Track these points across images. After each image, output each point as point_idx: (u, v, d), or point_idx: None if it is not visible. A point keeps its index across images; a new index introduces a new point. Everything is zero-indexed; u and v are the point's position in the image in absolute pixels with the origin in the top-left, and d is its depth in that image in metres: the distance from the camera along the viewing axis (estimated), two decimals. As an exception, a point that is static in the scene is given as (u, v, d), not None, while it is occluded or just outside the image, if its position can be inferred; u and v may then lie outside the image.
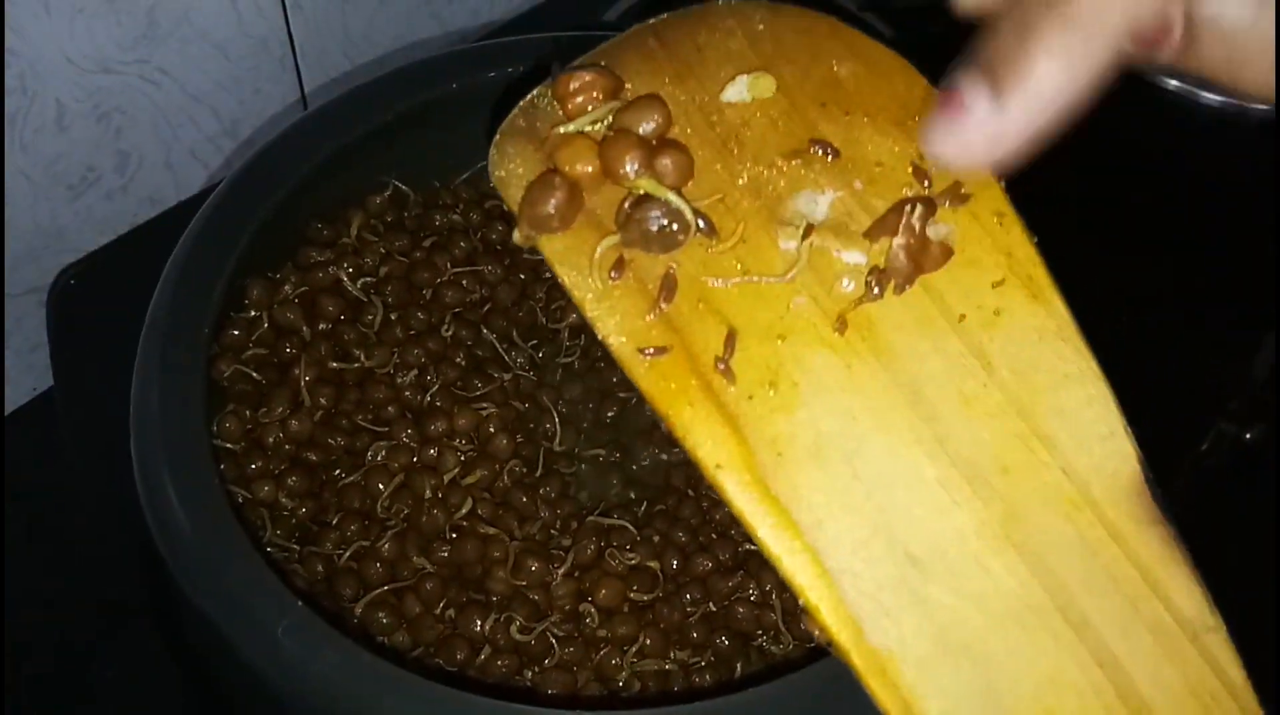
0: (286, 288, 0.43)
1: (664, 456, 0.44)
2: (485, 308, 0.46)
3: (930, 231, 0.28)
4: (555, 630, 0.38)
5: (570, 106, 0.29)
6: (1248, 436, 0.55)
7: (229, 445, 0.40)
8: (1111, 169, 0.66)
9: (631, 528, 0.41)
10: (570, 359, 0.46)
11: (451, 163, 0.48)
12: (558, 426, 0.44)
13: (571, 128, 0.29)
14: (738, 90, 0.30)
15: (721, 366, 0.28)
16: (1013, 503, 0.27)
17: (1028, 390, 0.28)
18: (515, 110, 0.30)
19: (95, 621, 0.46)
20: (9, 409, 0.55)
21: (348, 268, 0.44)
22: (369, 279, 0.44)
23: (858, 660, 0.26)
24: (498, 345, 0.45)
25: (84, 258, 0.52)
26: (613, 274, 0.28)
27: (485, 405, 0.43)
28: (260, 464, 0.40)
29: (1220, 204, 0.64)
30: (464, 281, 0.46)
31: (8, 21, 0.46)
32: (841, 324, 0.28)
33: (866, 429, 0.27)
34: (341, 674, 0.31)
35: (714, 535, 0.42)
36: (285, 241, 0.44)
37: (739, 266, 0.28)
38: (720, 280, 0.28)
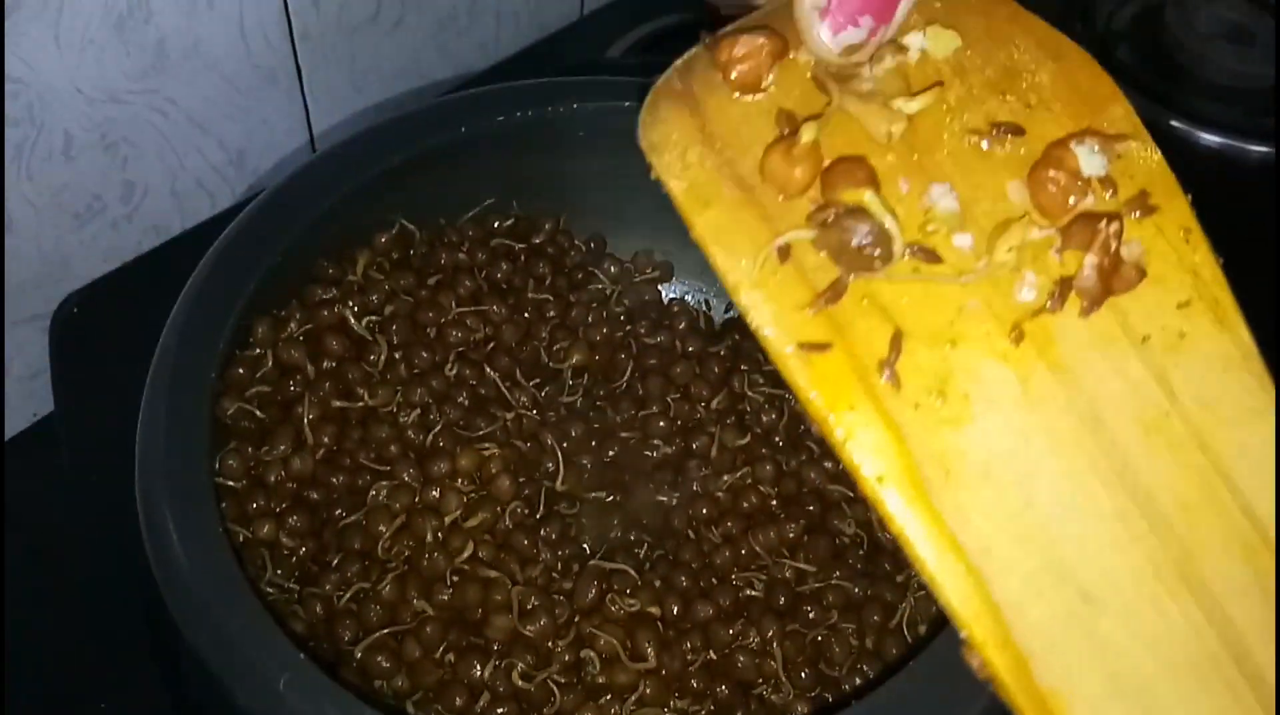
0: (292, 325, 0.43)
1: (664, 499, 0.45)
2: (489, 347, 0.46)
3: (1124, 250, 0.26)
4: (556, 678, 0.38)
5: (732, 74, 0.27)
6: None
7: (231, 483, 0.40)
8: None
9: (633, 572, 0.41)
10: (573, 398, 0.46)
11: (458, 201, 0.48)
12: (561, 466, 0.44)
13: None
14: (917, 40, 0.27)
15: (886, 370, 0.25)
16: (1190, 542, 0.25)
17: (1210, 422, 0.25)
18: (671, 71, 0.28)
19: (91, 656, 0.46)
20: (8, 434, 0.55)
21: (353, 306, 0.44)
22: (374, 317, 0.44)
23: (1023, 700, 0.24)
24: (501, 384, 0.45)
25: (87, 286, 0.53)
26: (776, 257, 0.26)
27: (488, 445, 0.43)
28: (261, 502, 0.40)
29: (1219, 243, 0.64)
30: (468, 321, 0.46)
31: (18, 52, 0.46)
32: (1018, 334, 0.25)
33: (1041, 452, 0.25)
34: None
35: (714, 580, 0.42)
36: (292, 279, 0.44)
37: (910, 263, 0.26)
38: (891, 277, 0.26)
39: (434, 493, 0.41)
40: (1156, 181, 0.27)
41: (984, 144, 0.27)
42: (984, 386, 0.25)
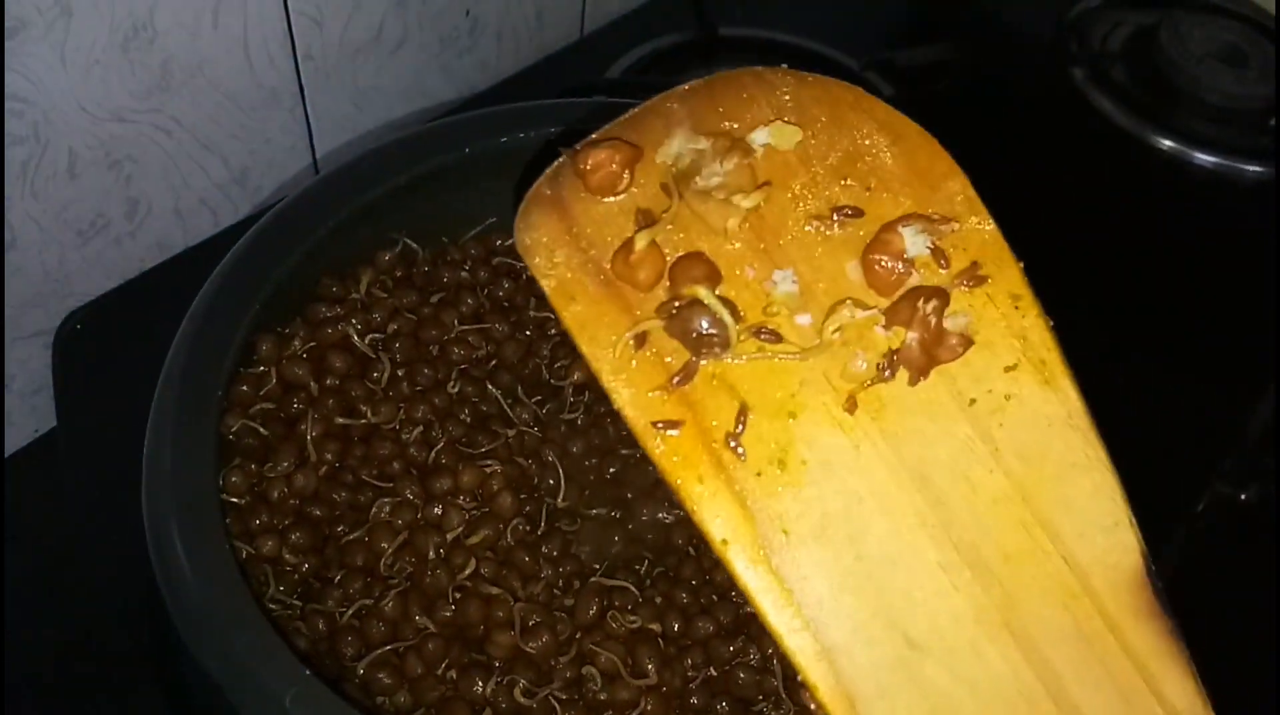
0: (296, 343, 0.44)
1: (665, 516, 0.45)
2: (491, 364, 0.47)
3: (948, 322, 0.29)
4: (557, 694, 0.38)
5: (590, 181, 0.30)
6: (1243, 497, 0.55)
7: (234, 499, 0.40)
8: (1105, 228, 0.67)
9: (634, 589, 0.41)
10: (574, 415, 0.47)
11: (460, 220, 0.48)
12: (562, 483, 0.44)
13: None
14: (761, 136, 0.31)
15: (733, 442, 0.28)
16: (1012, 589, 0.27)
17: (1033, 478, 0.28)
18: (540, 179, 0.31)
19: (93, 672, 0.46)
20: (10, 450, 0.56)
21: (357, 324, 0.44)
22: (377, 335, 0.45)
23: None
24: (503, 401, 0.45)
25: (91, 302, 0.53)
26: (633, 344, 0.29)
27: (490, 462, 0.43)
28: (265, 519, 0.41)
29: (1214, 263, 0.65)
30: (471, 338, 0.46)
31: (24, 71, 0.47)
32: (851, 404, 0.28)
33: (871, 511, 0.28)
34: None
35: (714, 597, 0.42)
36: (295, 297, 0.44)
37: (755, 343, 0.29)
38: (736, 357, 0.29)
39: (436, 509, 0.42)
40: (988, 252, 0.29)
41: (824, 229, 0.30)
42: (820, 453, 0.28)
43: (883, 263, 0.29)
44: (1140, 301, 0.64)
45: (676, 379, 0.29)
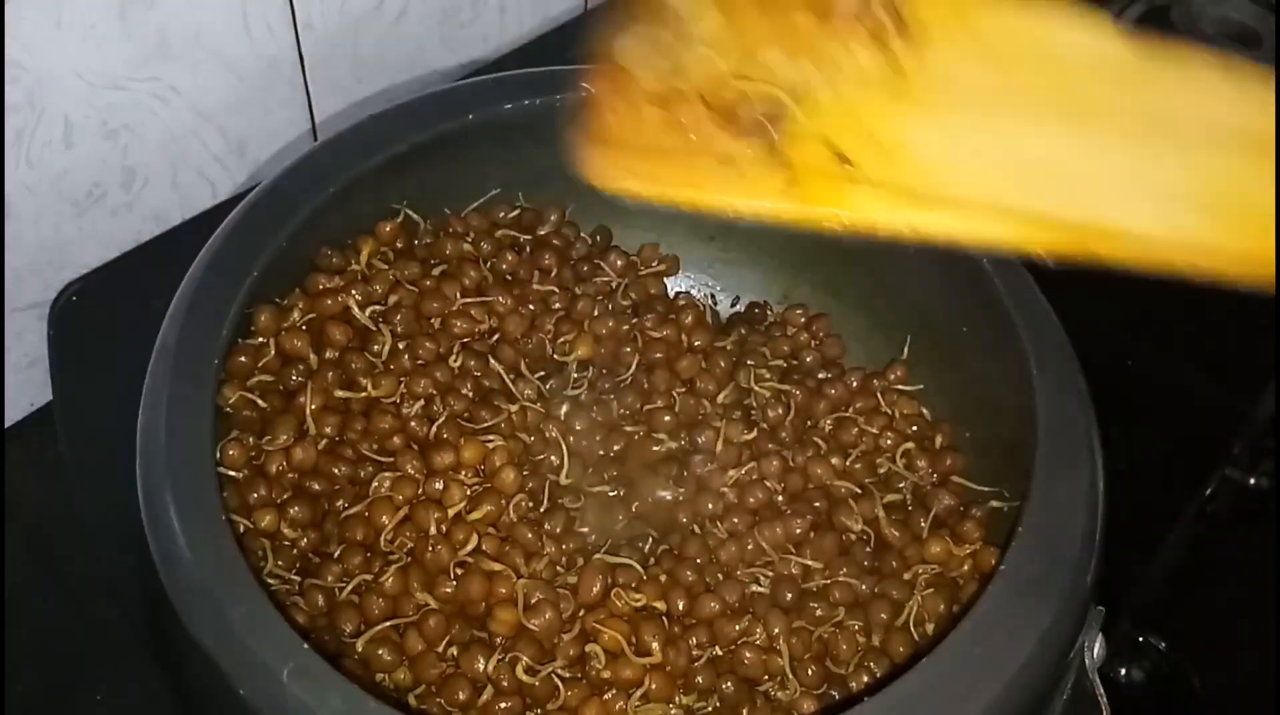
0: (294, 315, 0.43)
1: (668, 494, 0.44)
2: (494, 338, 0.46)
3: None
4: (560, 672, 0.37)
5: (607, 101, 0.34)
6: (1253, 482, 0.55)
7: (232, 472, 0.40)
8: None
9: (638, 567, 0.41)
10: (577, 391, 0.46)
11: (463, 191, 0.47)
12: (565, 459, 0.44)
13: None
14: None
15: (841, 162, 0.32)
16: (1093, 110, 0.32)
17: (1031, 47, 0.33)
18: (579, 132, 0.34)
19: (90, 646, 0.46)
20: (6, 423, 0.55)
21: (357, 295, 0.44)
22: (378, 307, 0.44)
23: (1094, 245, 0.31)
24: (505, 376, 0.45)
25: (87, 274, 0.52)
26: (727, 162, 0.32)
27: (492, 438, 0.43)
28: (263, 492, 0.40)
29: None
30: (473, 311, 0.45)
31: (19, 37, 0.46)
32: (894, 77, 0.33)
33: (974, 128, 0.32)
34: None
35: (720, 575, 0.42)
36: (294, 268, 0.43)
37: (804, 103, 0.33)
38: (796, 119, 0.33)
39: (437, 485, 0.41)
40: None
41: (785, 27, 0.35)
42: (898, 120, 0.33)
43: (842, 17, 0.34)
44: (1151, 283, 0.63)
45: (775, 157, 0.32)
